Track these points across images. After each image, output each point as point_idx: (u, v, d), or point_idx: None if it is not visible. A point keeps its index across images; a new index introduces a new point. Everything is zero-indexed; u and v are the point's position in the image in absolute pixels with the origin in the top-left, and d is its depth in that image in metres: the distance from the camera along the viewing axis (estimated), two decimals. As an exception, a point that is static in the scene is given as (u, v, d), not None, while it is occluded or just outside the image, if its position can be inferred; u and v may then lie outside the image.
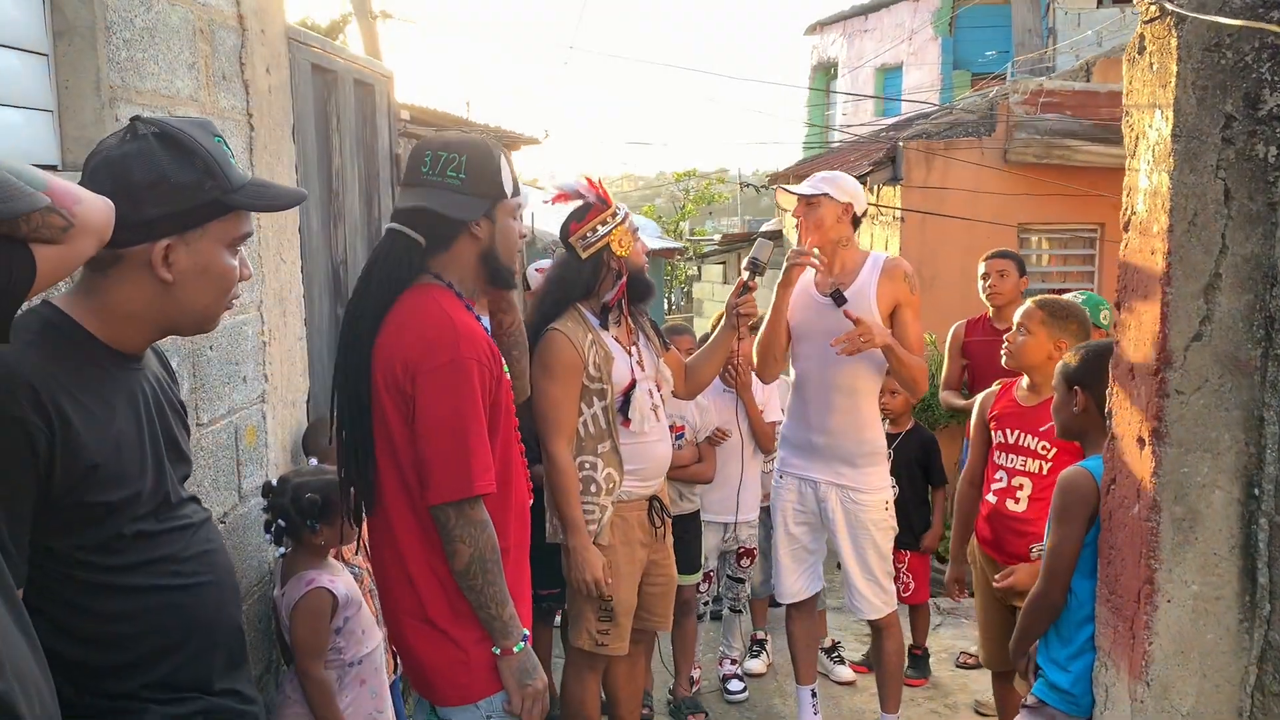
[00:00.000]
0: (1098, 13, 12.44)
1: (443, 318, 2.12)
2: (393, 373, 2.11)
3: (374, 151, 3.84)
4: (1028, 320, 3.25)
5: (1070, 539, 2.35)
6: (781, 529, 3.72)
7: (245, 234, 1.62)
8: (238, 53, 2.64)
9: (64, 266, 1.28)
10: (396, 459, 2.14)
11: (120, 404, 1.52)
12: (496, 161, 2.19)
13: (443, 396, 2.07)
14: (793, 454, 3.68)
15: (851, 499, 3.55)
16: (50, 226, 1.24)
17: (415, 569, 2.16)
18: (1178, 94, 1.91)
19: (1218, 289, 1.94)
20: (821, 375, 3.52)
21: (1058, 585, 2.38)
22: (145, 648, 1.52)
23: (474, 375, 2.09)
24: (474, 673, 2.15)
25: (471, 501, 2.09)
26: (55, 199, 1.24)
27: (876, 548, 3.56)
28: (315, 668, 2.55)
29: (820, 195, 3.48)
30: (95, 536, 1.47)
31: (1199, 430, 1.97)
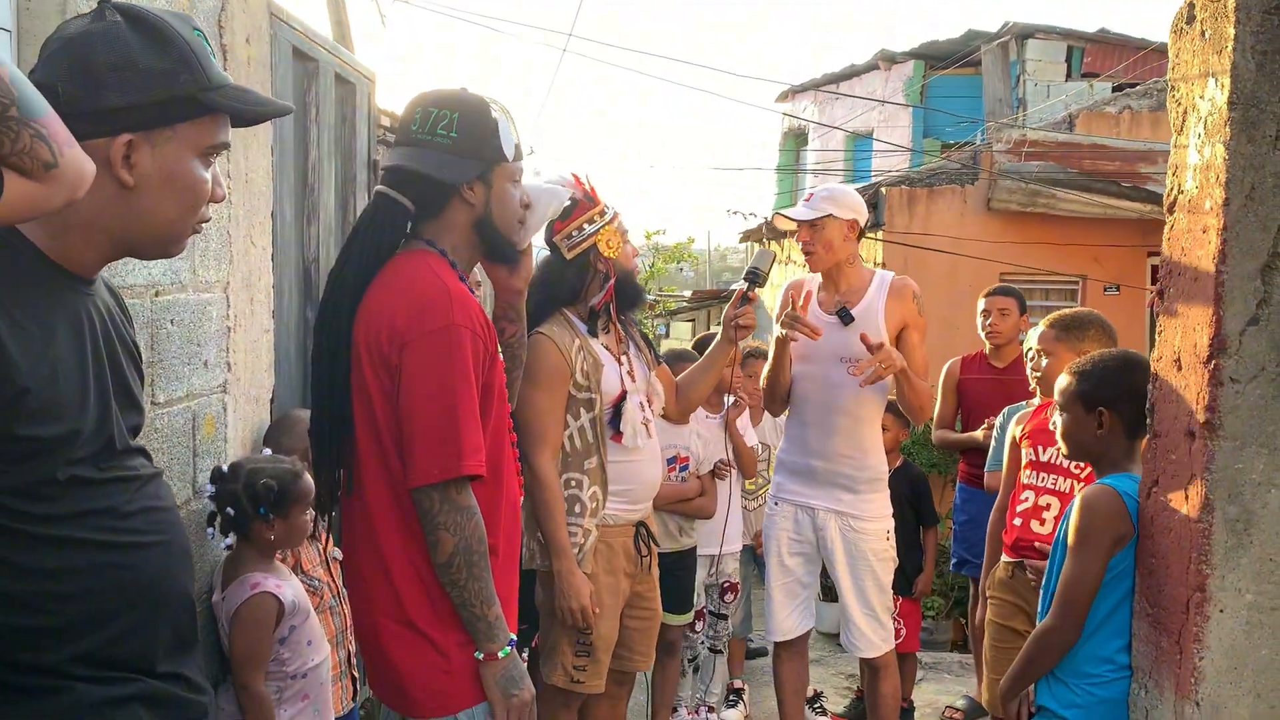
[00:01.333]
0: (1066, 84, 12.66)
1: (435, 281, 1.92)
2: (378, 342, 1.90)
3: (352, 153, 3.66)
4: (1043, 343, 3.10)
5: (1093, 566, 2.09)
6: (775, 560, 3.51)
7: (220, 144, 1.42)
8: (217, 14, 2.47)
9: (28, 206, 1.12)
10: (379, 440, 1.92)
11: (61, 327, 1.30)
12: (494, 120, 2.01)
13: (432, 366, 1.87)
14: (789, 479, 3.49)
15: (851, 527, 3.36)
16: (35, 156, 1.10)
17: (394, 564, 1.93)
18: (1235, 59, 1.78)
19: (1276, 270, 1.80)
20: (824, 397, 3.36)
21: (1074, 618, 2.11)
22: (75, 613, 1.29)
23: (467, 345, 1.89)
24: (455, 680, 1.91)
25: (459, 484, 1.87)
26: (51, 132, 1.11)
27: (876, 580, 3.37)
28: (255, 680, 2.29)
29: (824, 217, 3.35)
30: (21, 478, 1.24)
31: (1255, 423, 1.82)
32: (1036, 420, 3.21)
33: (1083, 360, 2.35)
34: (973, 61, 13.76)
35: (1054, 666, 2.17)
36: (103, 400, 1.34)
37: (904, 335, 3.34)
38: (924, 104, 15.58)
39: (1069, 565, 2.13)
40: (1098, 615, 2.12)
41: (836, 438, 3.35)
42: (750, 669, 4.89)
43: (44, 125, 1.11)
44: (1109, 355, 2.36)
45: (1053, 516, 3.00)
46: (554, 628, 2.87)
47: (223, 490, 2.32)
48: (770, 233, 10.98)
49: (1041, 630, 2.18)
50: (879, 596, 3.40)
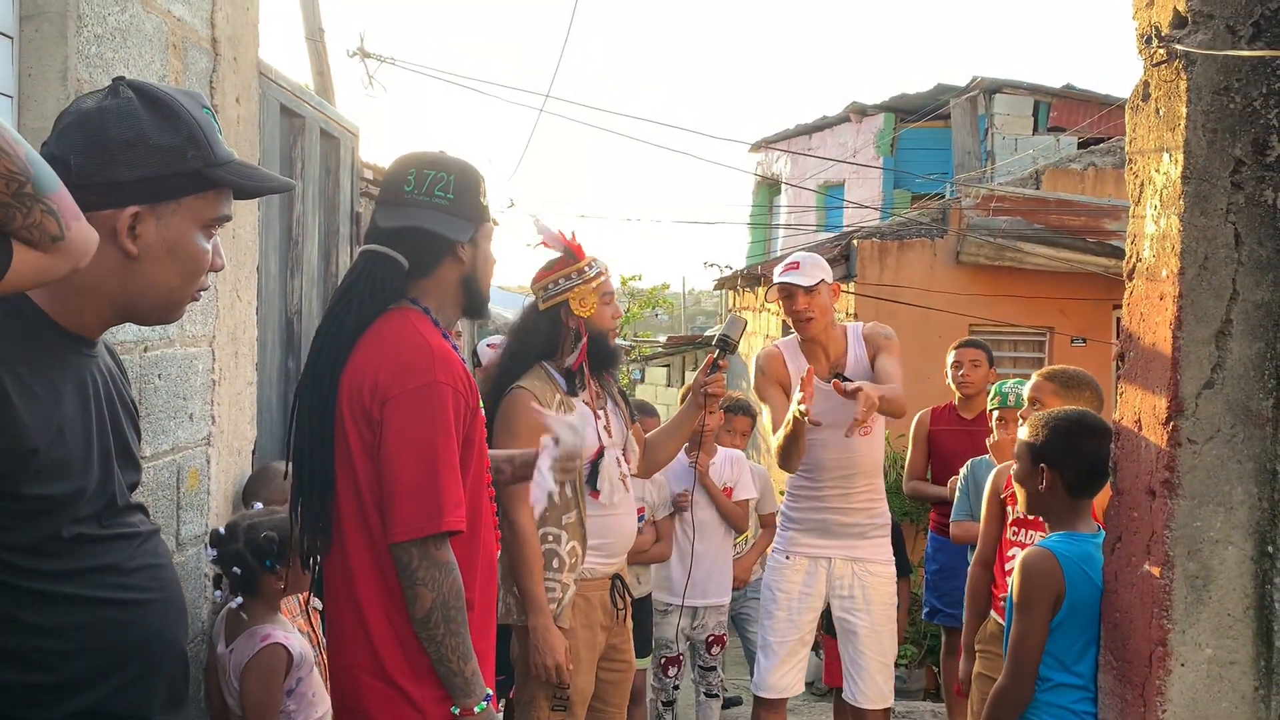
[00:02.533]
0: (1034, 138, 12.94)
1: (419, 339, 1.97)
2: (360, 398, 1.94)
3: (335, 206, 3.72)
4: (1039, 394, 3.12)
5: (1036, 626, 2.16)
6: (782, 614, 3.52)
7: (222, 216, 1.48)
8: (209, 76, 2.54)
9: (35, 275, 1.18)
10: (359, 496, 1.95)
11: (68, 389, 1.35)
12: (480, 182, 2.09)
13: (413, 423, 1.90)
14: (802, 534, 3.54)
15: (869, 572, 3.47)
16: (44, 230, 1.16)
17: (373, 619, 1.95)
18: (1187, 136, 1.88)
19: (1229, 335, 1.89)
20: (842, 460, 3.45)
21: (1026, 677, 2.18)
22: (76, 669, 1.32)
23: (449, 402, 1.93)
24: None
25: (438, 540, 1.89)
26: (60, 207, 1.17)
27: (891, 626, 3.46)
28: None
29: (818, 283, 3.45)
30: (27, 535, 1.28)
31: (1211, 482, 1.89)
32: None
33: (1042, 415, 2.42)
34: (942, 115, 14.05)
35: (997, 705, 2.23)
36: (105, 459, 1.38)
37: (878, 360, 3.45)
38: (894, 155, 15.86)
39: (1015, 626, 2.21)
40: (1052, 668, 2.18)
41: (856, 494, 3.47)
42: (724, 718, 4.89)
43: (55, 201, 1.17)
44: (1064, 414, 2.39)
45: None
46: (530, 683, 2.87)
47: (225, 552, 2.34)
48: (745, 281, 11.11)
49: (998, 690, 2.25)
50: (891, 645, 3.51)
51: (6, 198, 1.12)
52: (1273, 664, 1.90)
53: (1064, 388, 3.14)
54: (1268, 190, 1.88)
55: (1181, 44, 1.89)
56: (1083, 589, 2.14)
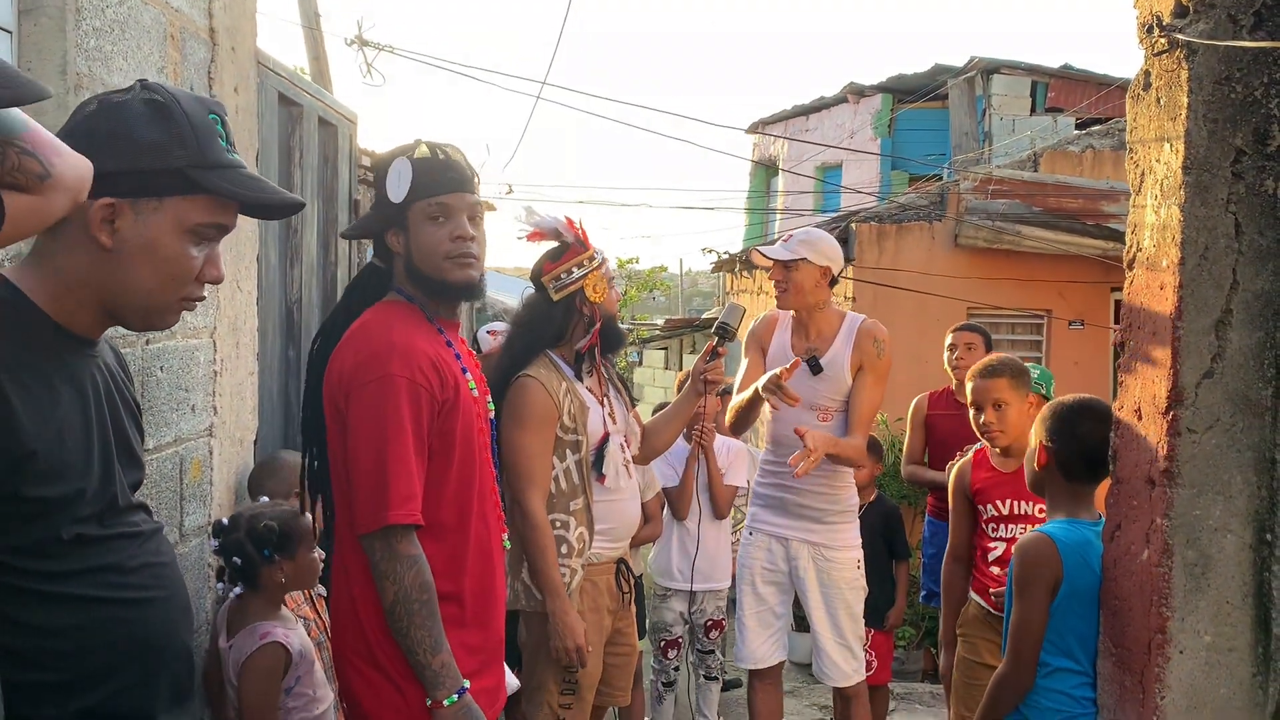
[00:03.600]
0: (1031, 119, 12.92)
1: (383, 333, 1.99)
2: (333, 391, 2.00)
3: (334, 194, 3.72)
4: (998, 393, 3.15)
5: (1035, 611, 2.16)
6: (748, 589, 3.58)
7: (215, 224, 1.44)
8: (207, 66, 2.53)
9: (35, 219, 1.18)
10: (342, 484, 2.02)
11: (66, 389, 1.35)
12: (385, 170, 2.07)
13: (366, 417, 1.93)
14: (764, 510, 3.57)
15: (824, 556, 3.44)
16: (26, 171, 1.14)
17: (363, 606, 1.98)
18: (1188, 126, 1.88)
19: (1229, 325, 1.89)
20: (795, 439, 3.43)
21: (1026, 664, 2.19)
22: (80, 668, 1.33)
23: (402, 394, 1.94)
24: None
25: (399, 533, 1.91)
26: (34, 145, 1.16)
27: (849, 609, 3.44)
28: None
29: (798, 260, 3.42)
30: (28, 537, 1.28)
31: (1211, 471, 1.90)
32: (983, 474, 3.27)
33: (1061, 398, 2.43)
34: (939, 95, 14.01)
35: (1014, 709, 2.23)
36: (106, 459, 1.38)
37: (858, 375, 3.42)
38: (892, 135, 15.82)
39: (1014, 612, 2.21)
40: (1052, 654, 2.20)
41: (810, 475, 3.41)
42: (724, 700, 4.92)
43: (28, 140, 1.16)
44: (1071, 397, 2.41)
45: None
46: (539, 668, 2.89)
47: (227, 542, 2.35)
48: (743, 265, 11.10)
49: (998, 677, 2.25)
50: (851, 625, 3.48)
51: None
52: (1271, 650, 1.92)
53: (1015, 378, 3.17)
54: (1268, 180, 1.88)
55: (1183, 33, 1.88)
56: (1082, 576, 2.15)
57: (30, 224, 1.19)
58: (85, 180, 1.24)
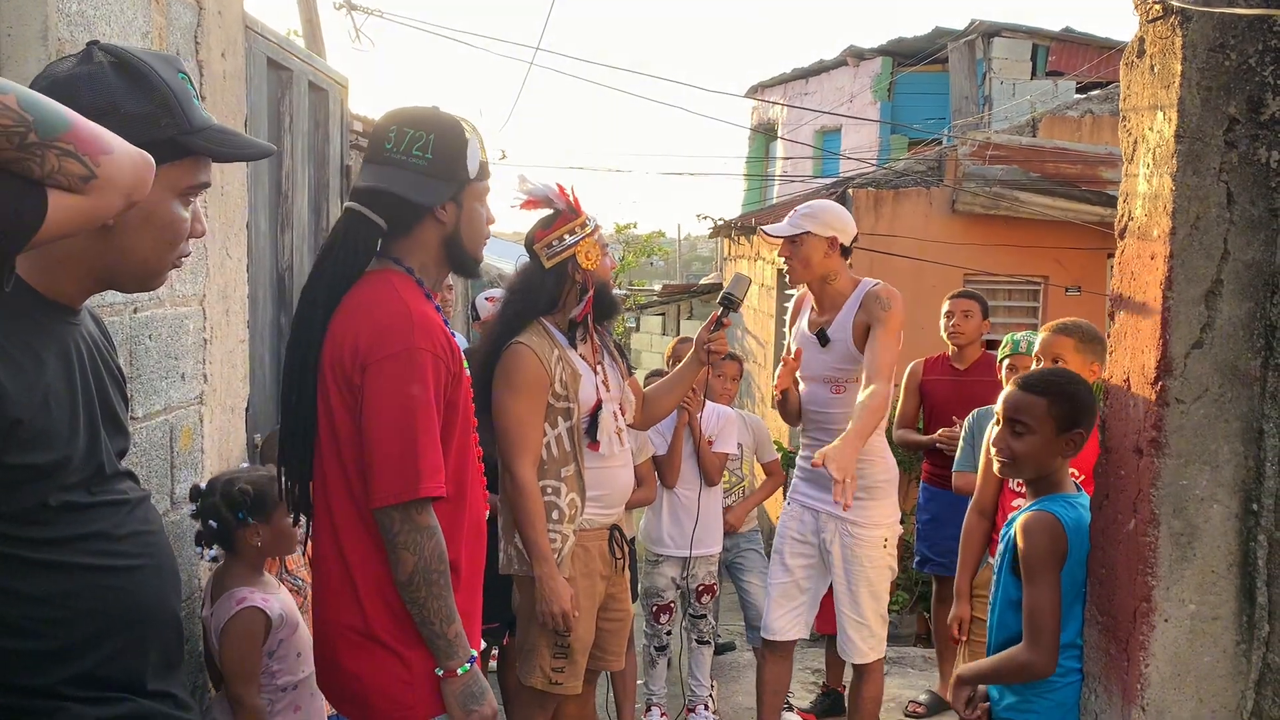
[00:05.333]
0: (1031, 83, 12.82)
1: (398, 304, 1.96)
2: (341, 362, 1.94)
3: (325, 160, 3.69)
4: (1061, 350, 3.10)
5: (1051, 593, 2.11)
6: (778, 559, 3.57)
7: (201, 184, 1.46)
8: (194, 31, 2.50)
9: (81, 219, 1.16)
10: (340, 457, 1.97)
11: (51, 357, 1.35)
12: (465, 142, 2.05)
13: (392, 389, 1.90)
14: (802, 481, 3.58)
15: (849, 532, 3.40)
16: (67, 174, 1.12)
17: (359, 577, 1.97)
18: (1181, 94, 1.87)
19: (1219, 295, 1.89)
20: (816, 413, 3.47)
21: (1049, 648, 2.11)
22: (69, 636, 1.33)
23: (428, 368, 1.93)
24: (417, 691, 1.96)
25: (419, 505, 1.91)
26: (77, 145, 1.13)
27: (871, 588, 3.39)
28: (248, 694, 2.33)
29: (802, 234, 3.40)
30: (15, 504, 1.29)
31: (1198, 441, 1.91)
32: None
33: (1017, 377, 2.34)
34: (940, 59, 13.91)
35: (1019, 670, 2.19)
36: (92, 427, 1.39)
37: (868, 340, 3.33)
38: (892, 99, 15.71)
39: (1031, 595, 2.13)
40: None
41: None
42: (717, 664, 4.96)
43: (70, 140, 1.13)
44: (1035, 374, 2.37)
45: None
46: (532, 631, 2.92)
47: (203, 506, 2.35)
48: (741, 230, 11.06)
49: (1019, 663, 2.15)
50: (872, 605, 3.42)
51: (13, 152, 1.09)
52: (1255, 619, 1.93)
53: (1083, 342, 3.13)
54: (1261, 148, 1.87)
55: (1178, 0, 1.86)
56: (1078, 551, 2.15)
57: (76, 224, 1.17)
58: (142, 178, 1.22)
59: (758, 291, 9.96)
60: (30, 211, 1.10)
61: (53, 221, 1.12)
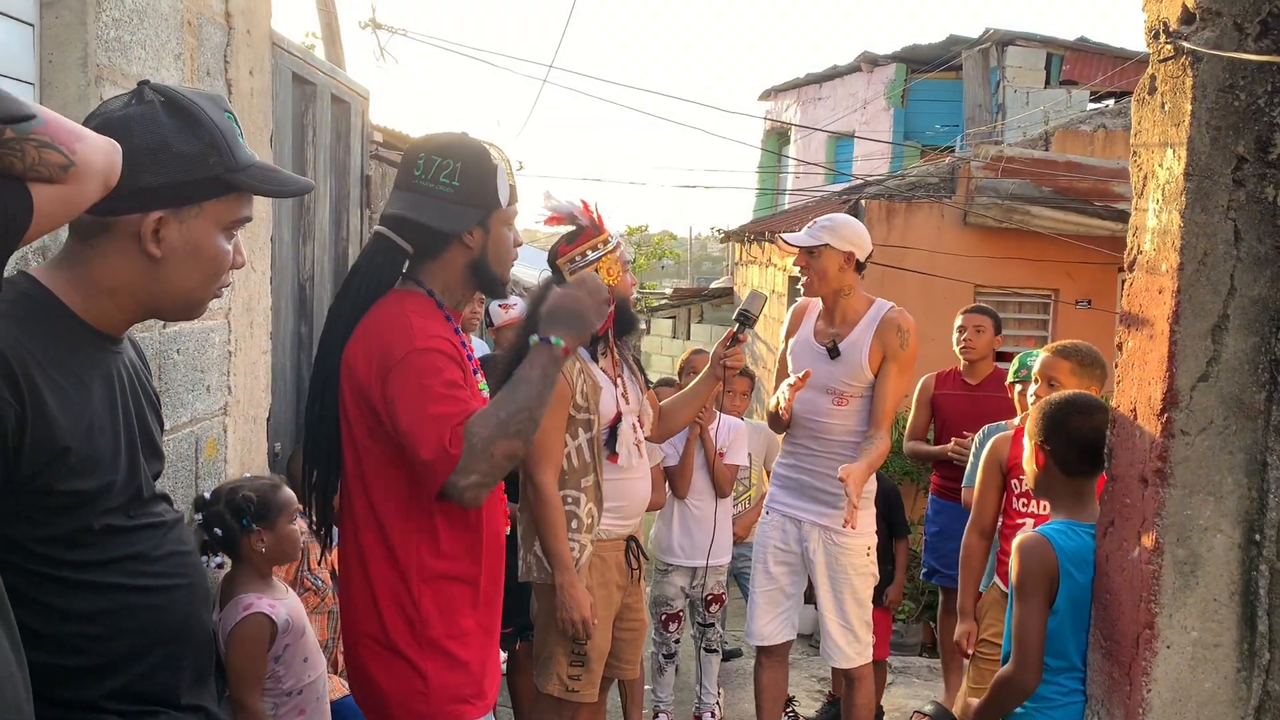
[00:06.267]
0: (1045, 92, 12.83)
1: (401, 320, 2.00)
2: (354, 380, 2.00)
3: (346, 170, 3.74)
4: (1055, 373, 3.15)
5: (1036, 612, 2.18)
6: (760, 567, 3.64)
7: (244, 218, 1.52)
8: (223, 50, 2.55)
9: (66, 208, 1.19)
10: (361, 471, 2.02)
11: (96, 386, 1.40)
12: (493, 169, 2.10)
13: (405, 389, 1.94)
14: (781, 491, 3.63)
15: (834, 541, 3.49)
16: (47, 164, 1.14)
17: (380, 591, 2.02)
18: (1191, 133, 1.91)
19: (1225, 330, 1.93)
20: (812, 423, 3.50)
21: (1031, 665, 2.19)
22: (110, 652, 1.39)
23: (440, 360, 1.97)
24: (433, 704, 2.02)
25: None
26: (52, 135, 1.15)
27: (855, 594, 3.49)
28: (251, 699, 2.38)
29: (821, 245, 3.44)
30: (60, 528, 1.35)
31: (1203, 472, 1.94)
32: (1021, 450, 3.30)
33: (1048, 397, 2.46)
34: (954, 66, 13.91)
35: (1015, 708, 2.25)
36: (132, 452, 1.44)
37: (882, 366, 3.42)
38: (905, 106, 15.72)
39: (1017, 614, 2.21)
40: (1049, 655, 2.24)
41: (823, 458, 3.47)
42: (724, 670, 5.01)
43: (45, 132, 1.15)
44: (1059, 395, 2.42)
45: None
46: (549, 639, 2.97)
47: (208, 514, 2.41)
48: (754, 236, 11.10)
49: (1003, 679, 2.24)
50: (856, 611, 3.51)
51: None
52: (1255, 647, 1.97)
53: (1080, 366, 3.16)
54: (1269, 187, 1.90)
55: (1189, 41, 1.90)
56: (1079, 582, 2.19)
57: (61, 214, 1.20)
58: (114, 162, 1.25)
59: (769, 297, 10.01)
60: (19, 210, 1.13)
61: (41, 215, 1.15)
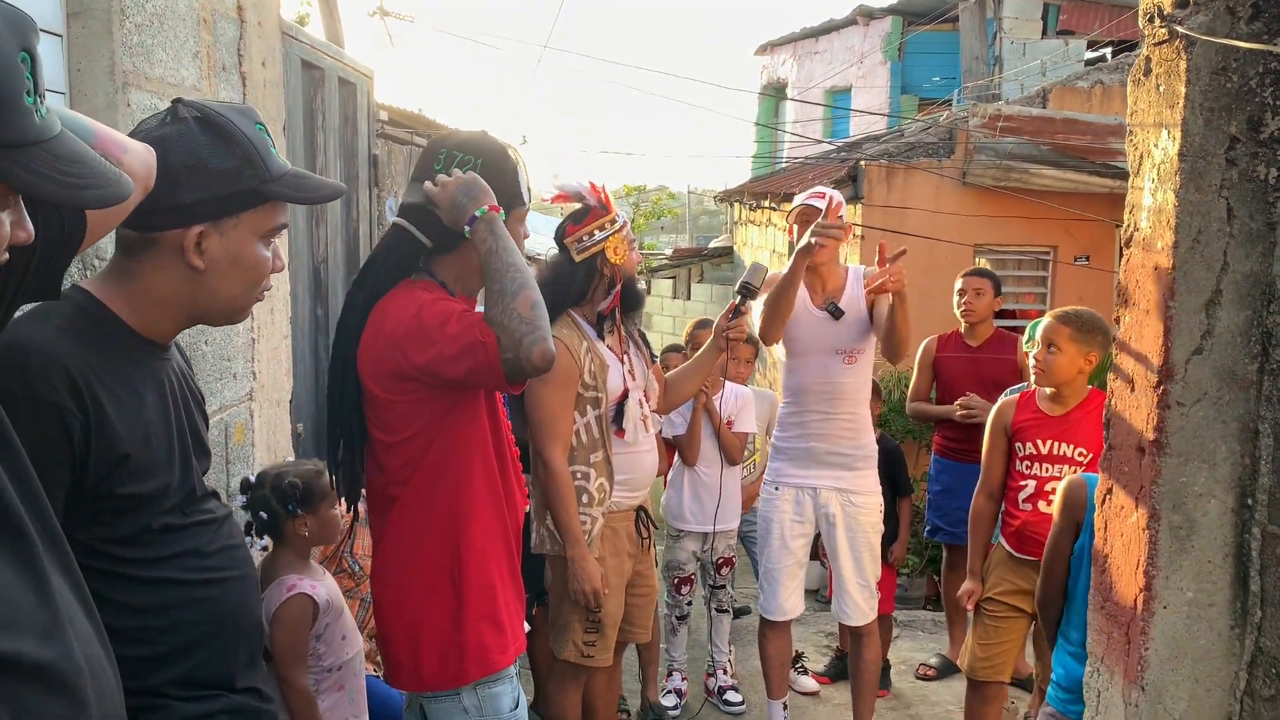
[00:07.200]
0: (1042, 43, 12.79)
1: (410, 303, 2.05)
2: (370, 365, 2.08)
3: (354, 152, 3.80)
4: (1056, 338, 3.27)
5: (1059, 535, 2.49)
6: (778, 543, 3.73)
7: (280, 225, 1.59)
8: (236, 44, 2.60)
9: (114, 216, 1.29)
10: (394, 450, 2.11)
11: (149, 394, 1.49)
12: (513, 167, 2.16)
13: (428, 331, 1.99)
14: (789, 464, 3.71)
15: (851, 502, 3.63)
16: None
17: (412, 553, 2.12)
18: (1185, 115, 1.97)
19: (1218, 304, 2.00)
20: (823, 386, 3.59)
21: (1052, 583, 2.51)
22: (171, 642, 1.49)
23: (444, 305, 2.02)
24: (467, 652, 2.12)
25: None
26: (101, 148, 1.21)
27: (872, 551, 3.64)
28: (297, 676, 2.49)
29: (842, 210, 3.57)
30: (122, 529, 1.44)
31: (1197, 441, 2.03)
32: (1026, 414, 3.41)
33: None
34: (950, 18, 13.84)
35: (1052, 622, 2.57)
36: (184, 454, 1.53)
37: (876, 308, 3.55)
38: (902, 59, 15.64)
39: (1049, 537, 2.55)
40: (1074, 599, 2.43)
41: (836, 421, 3.59)
42: (735, 628, 5.14)
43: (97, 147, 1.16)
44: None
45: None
46: (564, 608, 3.08)
47: (253, 498, 2.50)
48: (752, 197, 11.11)
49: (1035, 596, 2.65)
50: (872, 567, 3.69)
51: None
52: (1248, 605, 2.06)
53: (1079, 331, 3.26)
54: (1260, 165, 1.97)
55: (1182, 25, 1.96)
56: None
57: (111, 221, 1.29)
58: (152, 168, 1.33)
59: (770, 258, 10.05)
60: (75, 224, 1.20)
61: (92, 225, 1.22)
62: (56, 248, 1.19)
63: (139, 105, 2.05)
